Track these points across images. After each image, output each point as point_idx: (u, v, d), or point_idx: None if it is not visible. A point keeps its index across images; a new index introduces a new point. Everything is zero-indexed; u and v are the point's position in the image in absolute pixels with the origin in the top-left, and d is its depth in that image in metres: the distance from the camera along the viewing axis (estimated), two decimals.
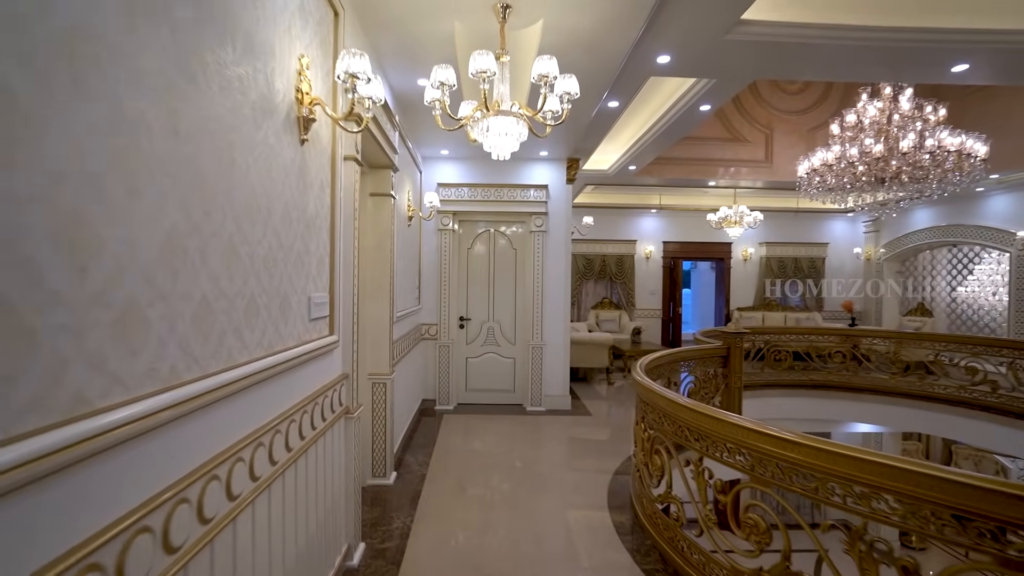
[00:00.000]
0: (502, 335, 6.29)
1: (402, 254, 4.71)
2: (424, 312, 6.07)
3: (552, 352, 6.13)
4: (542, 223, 6.03)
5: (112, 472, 1.00)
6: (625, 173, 7.35)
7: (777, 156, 7.55)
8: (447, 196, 6.01)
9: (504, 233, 6.28)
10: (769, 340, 7.12)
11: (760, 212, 9.08)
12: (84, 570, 0.90)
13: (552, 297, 6.12)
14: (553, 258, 6.12)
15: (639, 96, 4.91)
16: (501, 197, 6.01)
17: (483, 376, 6.30)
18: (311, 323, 2.15)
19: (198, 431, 1.30)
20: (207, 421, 1.34)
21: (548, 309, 6.11)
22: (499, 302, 6.28)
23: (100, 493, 0.97)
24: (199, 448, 1.31)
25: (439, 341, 6.07)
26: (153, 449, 1.12)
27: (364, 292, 3.67)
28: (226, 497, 1.41)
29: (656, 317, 11.18)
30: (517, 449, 4.74)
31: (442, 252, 6.05)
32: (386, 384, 3.72)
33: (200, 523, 1.28)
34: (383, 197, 3.71)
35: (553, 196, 6.11)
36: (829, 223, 11.25)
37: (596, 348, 7.61)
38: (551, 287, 6.12)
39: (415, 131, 5.10)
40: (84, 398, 0.93)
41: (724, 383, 5.23)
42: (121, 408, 1.00)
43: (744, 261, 11.27)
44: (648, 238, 11.18)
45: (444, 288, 6.06)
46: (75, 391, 0.91)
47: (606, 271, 10.90)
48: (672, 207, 10.38)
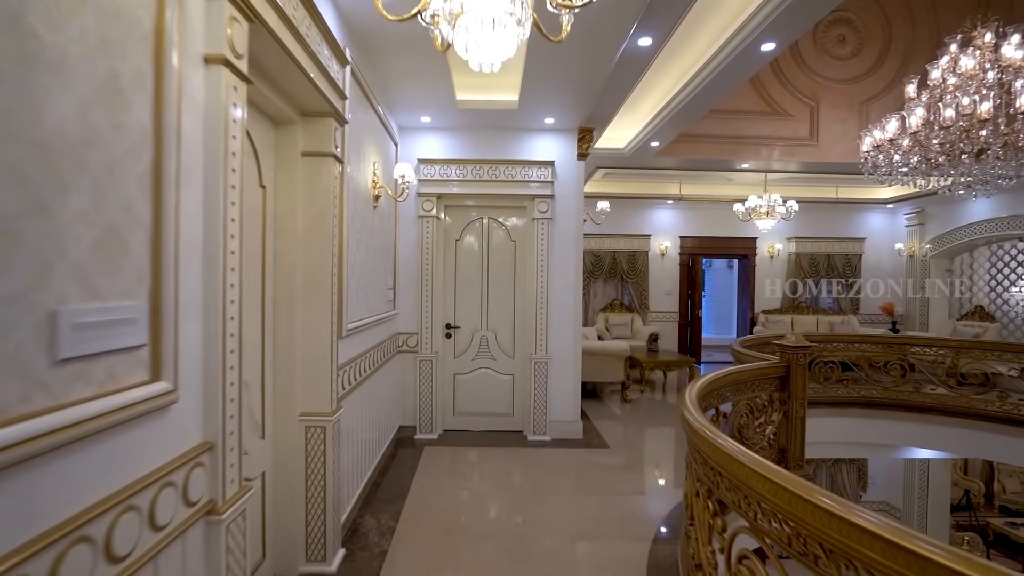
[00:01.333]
0: (498, 347, 5.14)
1: (365, 245, 3.57)
2: (401, 318, 4.92)
3: (560, 368, 4.98)
4: (547, 209, 4.88)
5: None
6: (645, 152, 6.20)
7: (824, 133, 6.40)
8: (430, 175, 4.86)
9: (500, 222, 5.12)
10: (813, 349, 5.99)
11: (795, 202, 7.93)
12: None
13: (560, 300, 4.97)
14: (561, 252, 4.97)
15: (674, 40, 3.75)
16: (496, 176, 4.86)
17: (475, 397, 5.15)
18: (73, 365, 1.01)
19: None
20: None
21: (555, 315, 4.96)
22: (494, 306, 5.13)
23: None
24: None
25: (420, 354, 4.92)
26: None
27: (290, 296, 2.53)
28: None
29: (672, 321, 10.02)
30: (518, 503, 3.59)
31: (423, 245, 4.90)
32: (325, 429, 2.58)
33: None
34: (321, 158, 2.56)
35: (561, 176, 4.96)
36: (866, 216, 10.08)
37: (609, 359, 6.45)
38: (558, 288, 4.96)
39: (385, 86, 3.95)
40: None
41: (782, 411, 4.08)
42: None
43: (770, 258, 10.11)
44: (664, 232, 10.02)
45: (426, 289, 4.91)
46: None
47: (616, 269, 9.76)
48: (692, 197, 9.22)
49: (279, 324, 2.52)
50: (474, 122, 4.77)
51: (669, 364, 7.11)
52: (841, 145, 6.38)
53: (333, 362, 2.64)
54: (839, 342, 6.14)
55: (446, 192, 4.88)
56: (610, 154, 6.39)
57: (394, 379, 4.76)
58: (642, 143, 5.83)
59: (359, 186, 3.40)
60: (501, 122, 4.76)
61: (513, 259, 5.11)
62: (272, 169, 2.48)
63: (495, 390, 5.15)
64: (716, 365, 9.98)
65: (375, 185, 3.78)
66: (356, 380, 3.37)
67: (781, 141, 6.40)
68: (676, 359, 7.21)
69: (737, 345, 5.48)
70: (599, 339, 8.57)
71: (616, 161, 6.71)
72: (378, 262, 4.06)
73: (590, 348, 6.31)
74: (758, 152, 6.45)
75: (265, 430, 2.44)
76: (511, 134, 4.93)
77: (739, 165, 6.84)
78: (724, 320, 12.95)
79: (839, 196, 8.90)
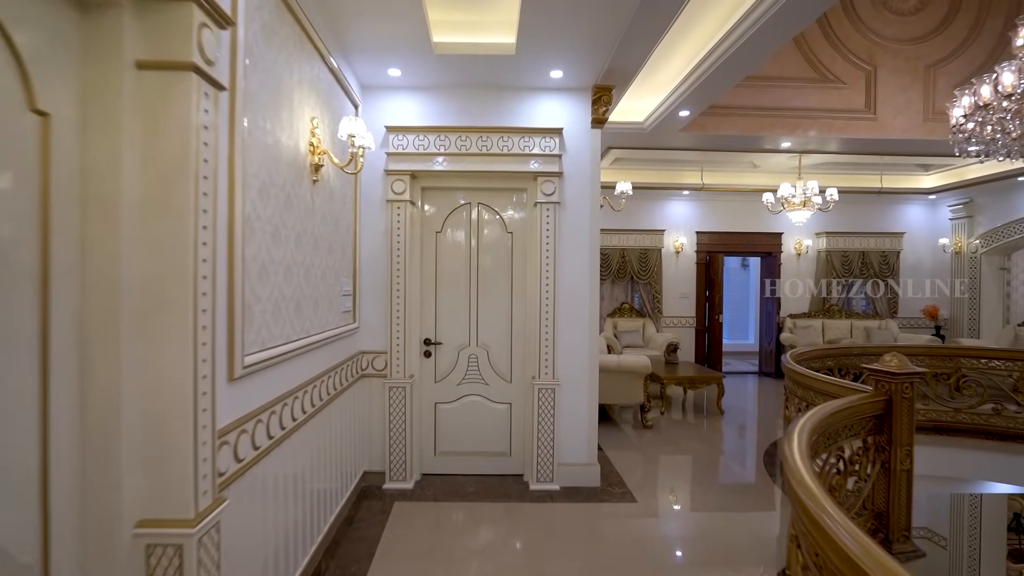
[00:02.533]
0: (491, 368, 4.04)
1: (296, 234, 2.46)
2: (364, 334, 3.81)
3: (571, 396, 3.88)
4: (554, 191, 3.77)
5: None
6: (668, 127, 5.10)
7: (883, 104, 5.32)
8: (402, 147, 3.75)
9: (494, 209, 4.02)
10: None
11: (836, 190, 6.86)
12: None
13: (571, 309, 3.86)
14: (572, 246, 3.86)
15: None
16: (488, 149, 3.76)
17: (462, 432, 4.04)
18: None
19: None
20: None
21: (565, 327, 3.85)
22: (487, 317, 4.02)
23: None
24: None
25: (389, 379, 3.80)
26: None
27: (112, 319, 1.42)
28: None
29: (688, 327, 8.93)
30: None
31: (393, 238, 3.78)
32: (183, 549, 1.46)
33: None
34: (174, 74, 1.45)
35: (572, 148, 3.85)
36: (903, 208, 9.02)
37: (627, 378, 5.35)
38: (569, 293, 3.86)
39: (336, 25, 2.83)
40: None
41: (879, 461, 3.00)
42: None
43: (797, 256, 9.04)
44: (679, 227, 8.94)
45: (397, 295, 3.79)
46: None
47: (626, 269, 8.66)
48: (712, 187, 8.13)
49: (91, 368, 1.40)
50: (458, 77, 3.66)
51: (695, 381, 6.02)
52: (904, 118, 5.30)
53: (201, 428, 1.53)
54: (940, 355, 5.09)
55: (423, 170, 3.77)
56: (626, 131, 5.29)
57: (355, 412, 3.64)
58: (667, 113, 4.73)
59: (281, 146, 2.29)
60: (494, 77, 3.66)
61: (510, 256, 4.01)
62: (70, 86, 1.36)
63: (488, 423, 4.04)
64: (737, 377, 8.90)
65: (314, 150, 2.66)
66: (286, 426, 2.26)
67: (831, 114, 5.32)
68: (703, 375, 6.11)
69: (792, 361, 4.39)
70: (608, 350, 7.49)
71: (633, 140, 5.62)
72: (325, 260, 2.94)
73: (605, 364, 5.21)
74: (803, 127, 5.36)
75: (51, 560, 1.32)
76: (507, 95, 3.82)
77: (779, 144, 5.75)
78: (739, 325, 11.88)
79: (883, 186, 7.82)
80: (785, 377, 4.41)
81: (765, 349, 8.94)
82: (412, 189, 3.84)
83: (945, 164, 7.72)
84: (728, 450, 5.14)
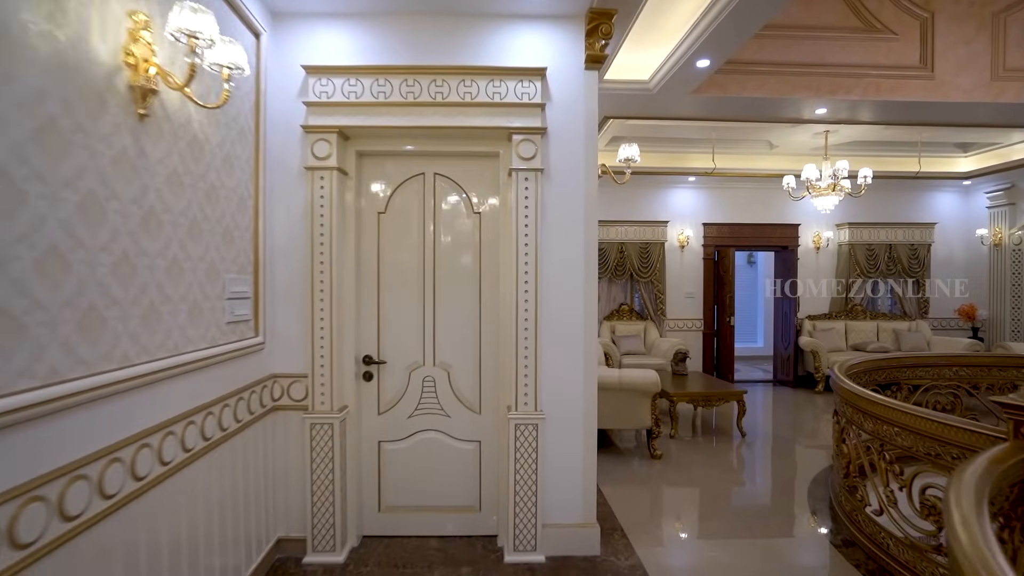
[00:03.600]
0: (454, 395, 3.02)
1: (95, 202, 1.45)
2: (276, 351, 2.78)
3: (561, 433, 2.86)
4: (534, 153, 2.76)
5: None
6: (680, 86, 4.12)
7: (942, 59, 4.35)
8: (327, 95, 2.72)
9: (456, 182, 3.00)
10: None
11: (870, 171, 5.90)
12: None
13: (560, 314, 2.85)
14: (561, 230, 2.85)
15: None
16: (445, 96, 2.74)
17: (415, 480, 3.02)
18: None
19: None
20: None
21: (551, 341, 2.84)
22: (447, 327, 3.01)
23: None
24: None
25: (312, 412, 2.77)
26: None
27: None
28: None
29: (695, 330, 7.95)
30: None
31: (315, 219, 2.75)
32: None
33: None
34: None
35: (559, 96, 2.83)
36: (934, 195, 8.09)
37: (631, 398, 4.35)
38: (557, 293, 2.84)
39: None
40: None
41: None
42: None
43: (816, 250, 8.08)
44: (684, 219, 7.96)
45: (321, 298, 2.76)
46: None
47: (625, 266, 7.67)
48: (721, 172, 7.15)
49: None
50: (404, 1, 2.65)
51: (711, 398, 5.02)
52: (968, 76, 4.34)
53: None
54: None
55: (356, 125, 2.74)
56: (628, 92, 4.29)
57: (263, 458, 2.62)
58: (680, 64, 3.74)
59: (48, 37, 1.26)
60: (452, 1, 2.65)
61: (478, 244, 3.00)
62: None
63: (450, 468, 3.02)
64: (748, 387, 7.92)
65: (136, 64, 1.63)
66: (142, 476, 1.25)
67: (878, 71, 4.34)
68: (720, 391, 5.12)
69: (844, 377, 3.42)
70: (606, 358, 6.49)
71: (636, 106, 4.61)
72: (185, 245, 1.92)
73: (604, 381, 4.21)
74: (844, 88, 4.37)
75: None
76: (471, 24, 2.81)
77: (812, 111, 4.76)
78: (746, 326, 10.89)
79: (921, 169, 6.85)
80: (838, 399, 3.42)
81: (781, 354, 7.97)
82: (342, 152, 2.81)
83: (989, 143, 6.78)
84: (760, 486, 4.14)
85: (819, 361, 7.18)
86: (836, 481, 3.49)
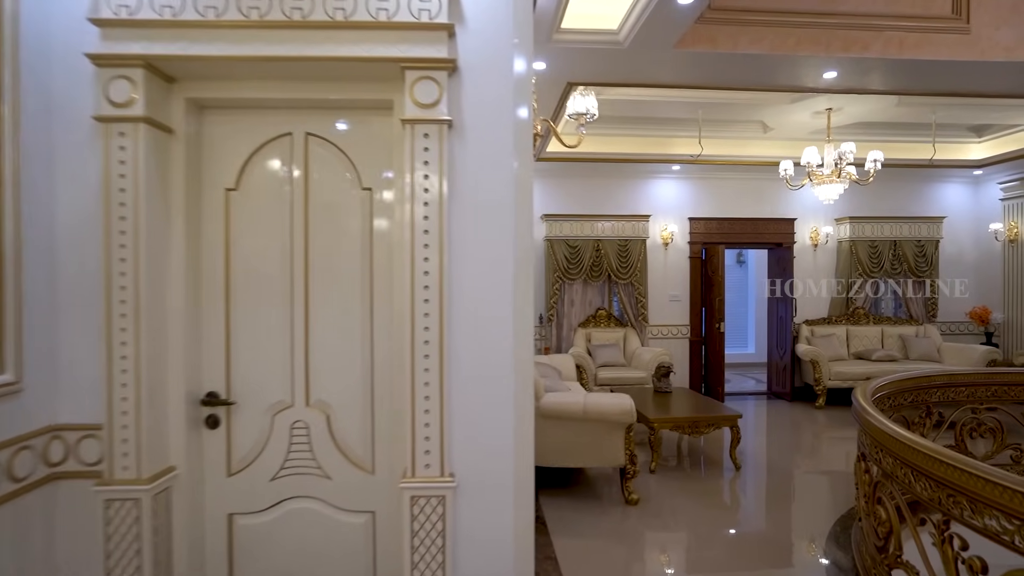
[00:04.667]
0: (335, 446, 2.13)
1: None
2: (63, 391, 1.87)
3: (480, 503, 1.98)
4: (436, 98, 1.87)
5: None
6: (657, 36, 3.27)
7: (979, 10, 3.56)
8: (127, 8, 1.81)
9: (334, 144, 2.11)
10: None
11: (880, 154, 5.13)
12: None
13: (479, 337, 1.96)
14: (481, 212, 1.96)
15: None
16: (307, 14, 1.84)
17: (282, 569, 2.12)
18: None
19: None
20: None
21: (467, 377, 1.95)
22: (326, 351, 2.12)
23: None
24: None
25: (111, 480, 1.85)
26: None
27: None
28: None
29: (681, 337, 7.13)
30: None
31: (111, 193, 1.84)
32: None
33: None
34: None
35: (475, 15, 1.95)
36: (943, 187, 7.36)
37: (598, 431, 3.49)
38: (475, 305, 1.96)
39: None
40: None
41: None
42: None
43: (814, 248, 7.30)
44: (667, 212, 7.14)
45: (120, 311, 1.85)
46: None
47: (601, 266, 6.83)
48: (708, 160, 6.34)
49: None
50: None
51: (698, 424, 4.18)
52: (1011, 30, 3.54)
53: None
54: None
55: (176, 55, 1.84)
56: (592, 46, 3.44)
57: (32, 557, 1.71)
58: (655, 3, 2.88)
59: None
60: None
61: (368, 233, 2.11)
62: None
63: (331, 550, 2.13)
64: (740, 400, 7.12)
65: None
66: None
67: (902, 23, 3.53)
68: (710, 415, 4.28)
69: (872, 408, 2.61)
70: (579, 372, 5.65)
71: (603, 65, 3.76)
72: None
73: (563, 410, 3.35)
74: (860, 44, 3.55)
75: None
76: None
77: (820, 74, 3.94)
78: (736, 331, 10.09)
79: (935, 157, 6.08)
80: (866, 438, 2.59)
81: (777, 363, 7.17)
82: (160, 99, 1.91)
83: (1009, 126, 6.05)
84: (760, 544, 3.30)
85: (819, 372, 6.38)
86: (864, 545, 2.65)
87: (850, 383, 6.36)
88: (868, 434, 2.52)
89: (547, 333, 6.87)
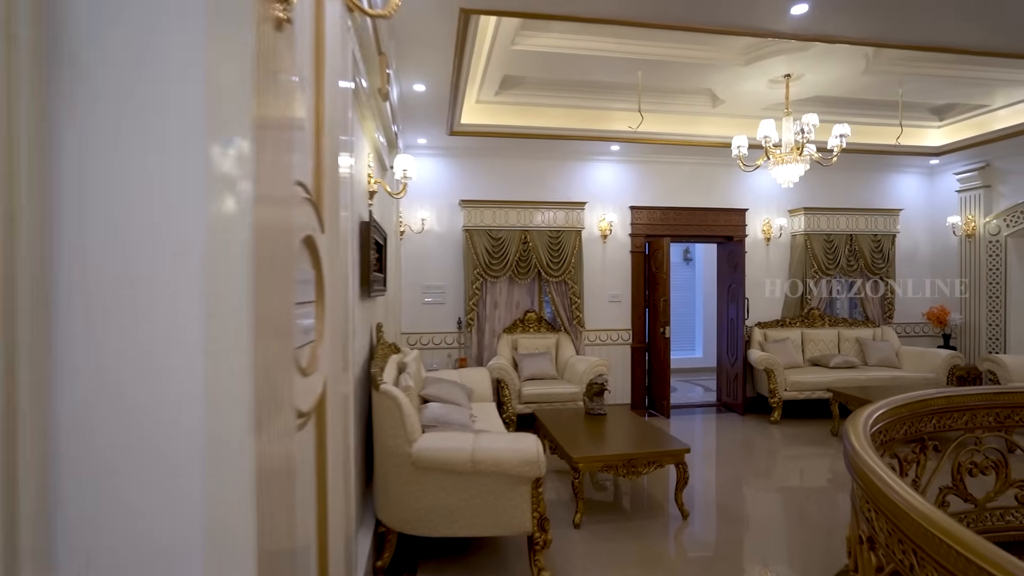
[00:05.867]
0: None
1: None
2: None
3: None
4: None
5: None
6: None
7: None
8: None
9: None
10: None
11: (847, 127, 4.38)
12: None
13: (132, 382, 0.86)
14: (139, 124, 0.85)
15: None
16: None
17: None
18: None
19: None
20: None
21: (116, 467, 0.84)
22: None
23: None
24: None
25: None
26: None
27: None
28: None
29: (622, 344, 6.25)
30: None
31: None
32: None
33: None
34: None
35: None
36: (898, 176, 6.82)
37: (494, 486, 2.46)
38: (123, 318, 0.85)
39: None
40: None
41: None
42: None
43: (766, 242, 6.58)
44: (606, 200, 6.24)
45: None
46: None
47: (530, 261, 5.84)
48: (651, 138, 5.47)
49: None
50: None
51: (635, 463, 3.23)
52: None
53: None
54: None
55: None
56: None
57: None
58: None
59: None
60: None
61: None
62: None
63: None
64: (687, 415, 6.31)
65: None
66: None
67: None
68: (649, 451, 3.33)
69: (873, 459, 1.62)
70: (500, 387, 4.64)
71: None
72: None
73: (439, 457, 2.31)
74: None
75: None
76: None
77: (788, 7, 3.05)
78: (683, 334, 9.37)
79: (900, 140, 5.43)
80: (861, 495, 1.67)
81: (727, 371, 6.41)
82: None
83: (972, 107, 5.48)
84: None
85: (775, 382, 5.64)
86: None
87: (807, 394, 5.65)
88: (866, 494, 1.58)
89: (466, 341, 5.82)
